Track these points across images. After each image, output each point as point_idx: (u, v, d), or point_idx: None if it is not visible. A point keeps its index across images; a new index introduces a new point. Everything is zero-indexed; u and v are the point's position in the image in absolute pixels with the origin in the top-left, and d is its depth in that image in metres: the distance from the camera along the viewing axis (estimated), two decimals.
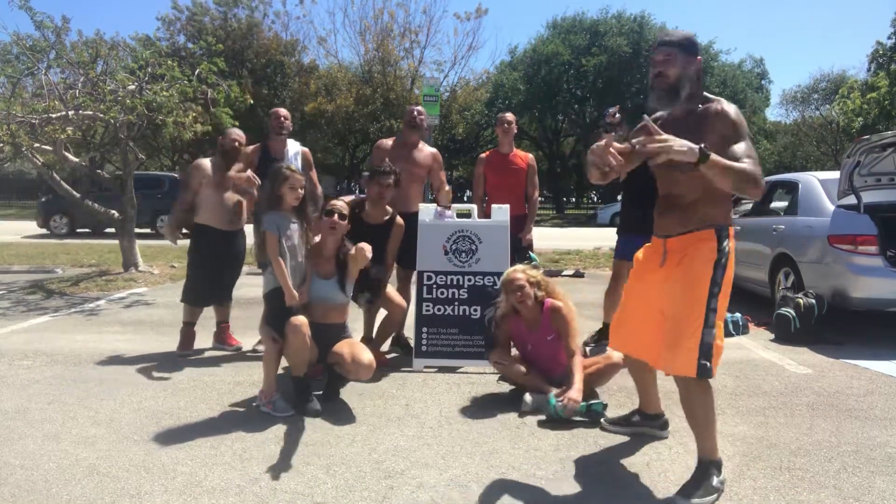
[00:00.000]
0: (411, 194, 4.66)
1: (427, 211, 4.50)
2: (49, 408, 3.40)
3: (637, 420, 3.09)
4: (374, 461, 2.78)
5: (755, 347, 4.91)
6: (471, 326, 4.29)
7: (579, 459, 2.82)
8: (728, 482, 2.53)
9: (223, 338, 4.72)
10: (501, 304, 3.69)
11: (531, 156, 5.41)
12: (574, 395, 3.19)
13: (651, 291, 2.63)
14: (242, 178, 4.40)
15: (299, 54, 29.98)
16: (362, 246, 3.48)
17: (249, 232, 4.72)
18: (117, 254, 9.25)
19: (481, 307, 4.27)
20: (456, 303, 4.34)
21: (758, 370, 4.27)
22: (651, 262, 2.65)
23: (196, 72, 8.07)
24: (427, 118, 5.43)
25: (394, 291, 4.33)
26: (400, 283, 4.69)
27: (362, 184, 4.50)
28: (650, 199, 2.74)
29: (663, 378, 2.77)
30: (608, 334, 2.98)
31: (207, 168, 4.48)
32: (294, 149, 4.78)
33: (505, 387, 3.76)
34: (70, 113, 7.18)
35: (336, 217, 3.59)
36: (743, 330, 5.32)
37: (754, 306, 6.09)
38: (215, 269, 4.58)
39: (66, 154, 8.19)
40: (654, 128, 2.18)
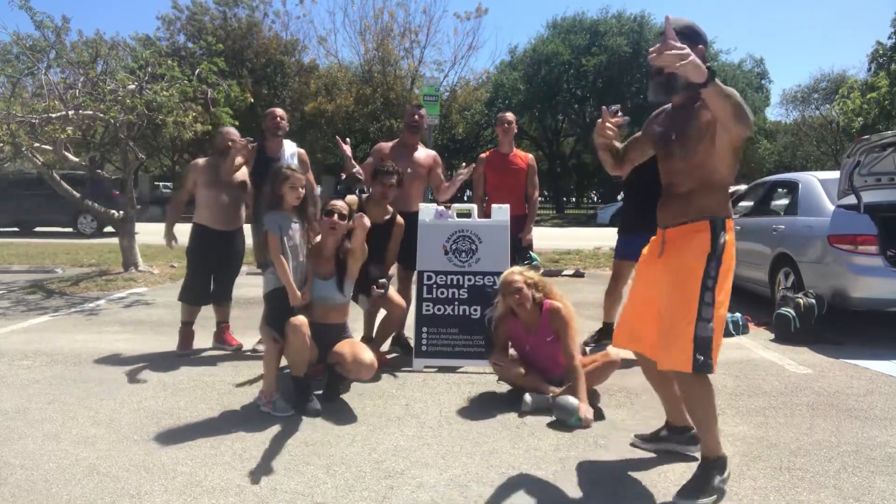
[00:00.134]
0: (412, 194, 4.66)
1: (427, 211, 4.50)
2: (49, 408, 3.40)
3: (665, 435, 2.92)
4: (374, 461, 2.78)
5: (755, 347, 4.91)
6: (471, 326, 4.29)
7: (579, 459, 2.82)
8: (728, 482, 2.52)
9: (223, 338, 4.72)
10: (498, 306, 3.66)
11: (531, 156, 5.41)
12: (587, 414, 3.20)
13: (650, 287, 2.63)
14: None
15: (299, 54, 29.97)
16: (361, 213, 3.50)
17: (249, 232, 4.73)
18: (117, 254, 9.26)
19: (481, 307, 4.27)
20: (456, 303, 4.34)
21: (758, 370, 4.27)
22: (652, 255, 2.65)
23: (196, 71, 8.07)
24: (427, 118, 5.43)
25: (394, 291, 4.33)
26: (400, 284, 4.69)
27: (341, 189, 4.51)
28: (652, 199, 2.74)
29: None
30: (608, 334, 2.97)
31: (202, 168, 4.48)
32: (290, 149, 4.76)
33: (505, 387, 3.76)
34: (70, 113, 7.18)
35: (336, 217, 3.59)
36: (743, 330, 5.33)
37: (754, 306, 6.09)
38: (214, 269, 4.59)
39: (66, 154, 8.19)
40: (672, 33, 2.15)
